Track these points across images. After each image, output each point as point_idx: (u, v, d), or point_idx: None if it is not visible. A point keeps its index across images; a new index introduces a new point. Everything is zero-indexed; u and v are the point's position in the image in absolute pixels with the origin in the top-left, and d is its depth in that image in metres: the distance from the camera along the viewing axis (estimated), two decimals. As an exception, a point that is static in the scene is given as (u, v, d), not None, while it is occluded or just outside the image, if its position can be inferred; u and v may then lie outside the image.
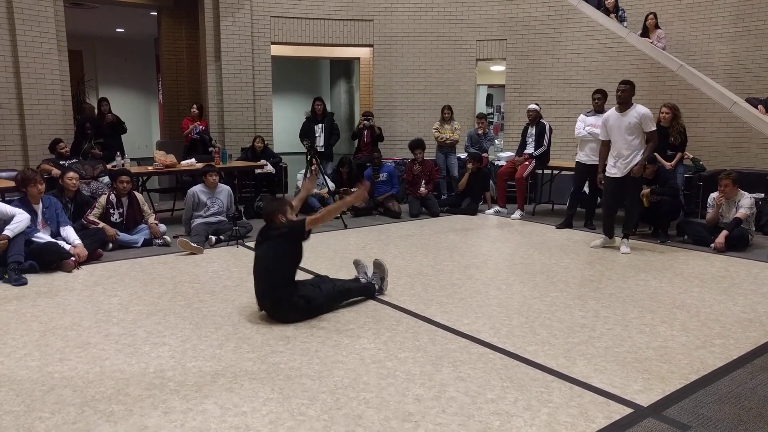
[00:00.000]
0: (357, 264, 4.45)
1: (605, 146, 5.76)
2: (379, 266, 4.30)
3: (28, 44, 7.48)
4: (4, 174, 6.66)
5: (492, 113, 13.36)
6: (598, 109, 6.65)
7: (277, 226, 3.77)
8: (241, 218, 6.63)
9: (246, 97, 9.25)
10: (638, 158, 5.51)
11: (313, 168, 7.56)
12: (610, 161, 5.68)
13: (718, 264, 5.23)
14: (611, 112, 5.69)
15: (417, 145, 7.96)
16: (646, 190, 6.15)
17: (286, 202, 3.94)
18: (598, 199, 6.17)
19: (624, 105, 5.52)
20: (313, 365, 3.05)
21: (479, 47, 9.72)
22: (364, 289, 4.19)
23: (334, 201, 7.51)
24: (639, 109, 5.48)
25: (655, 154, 6.41)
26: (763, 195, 6.63)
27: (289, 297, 3.68)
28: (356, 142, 9.21)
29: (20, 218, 4.77)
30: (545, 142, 7.43)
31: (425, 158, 8.07)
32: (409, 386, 2.82)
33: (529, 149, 7.55)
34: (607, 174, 5.73)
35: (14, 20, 7.36)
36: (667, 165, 6.52)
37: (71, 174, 5.72)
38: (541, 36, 9.39)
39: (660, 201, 6.13)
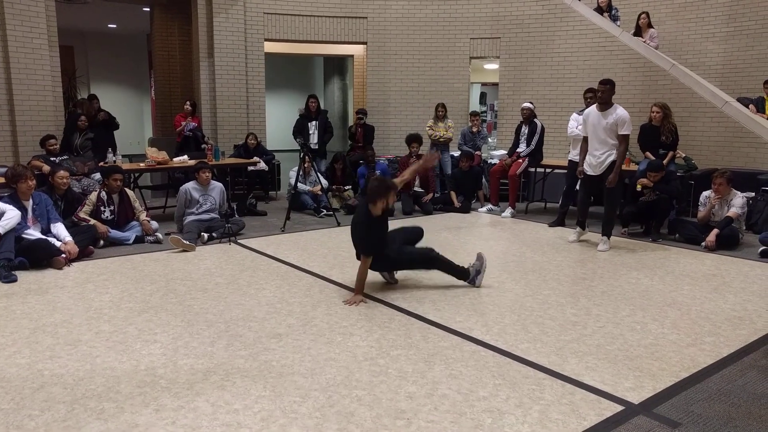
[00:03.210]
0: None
1: (585, 141, 5.85)
2: (480, 258, 4.47)
3: (19, 39, 7.41)
4: (-6, 170, 6.60)
5: (485, 111, 13.37)
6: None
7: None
8: (234, 215, 6.60)
9: (239, 93, 9.21)
10: (611, 158, 5.58)
11: (305, 165, 7.56)
12: (586, 158, 5.80)
13: (708, 262, 5.26)
14: (592, 109, 5.76)
15: (413, 139, 7.96)
16: (644, 180, 6.18)
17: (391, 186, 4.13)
18: (591, 198, 6.22)
19: (605, 105, 5.57)
20: (306, 363, 3.05)
21: (473, 45, 9.73)
22: (458, 269, 4.36)
23: (327, 199, 7.51)
24: (619, 112, 5.51)
25: (663, 162, 6.44)
26: (753, 194, 6.67)
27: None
28: (350, 139, 9.23)
29: (11, 215, 4.73)
30: (533, 143, 7.46)
31: (421, 153, 8.05)
32: (401, 384, 2.82)
33: (522, 148, 7.58)
34: (585, 170, 5.85)
35: (4, 15, 7.28)
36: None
37: (61, 173, 5.68)
38: (534, 34, 9.41)
39: (658, 198, 6.16)
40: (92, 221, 5.55)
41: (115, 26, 14.23)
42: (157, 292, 4.26)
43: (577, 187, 6.86)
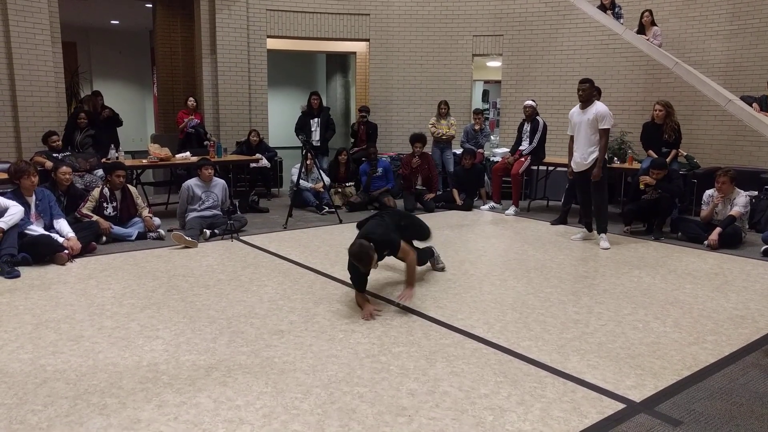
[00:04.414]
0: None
1: (572, 141, 5.94)
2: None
3: (22, 35, 7.41)
4: (-3, 166, 6.61)
5: (488, 109, 13.35)
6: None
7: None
8: (236, 212, 6.62)
9: (241, 90, 9.21)
10: (595, 154, 5.65)
11: (308, 162, 7.56)
12: (574, 156, 5.88)
13: (711, 261, 5.26)
14: (575, 108, 5.88)
15: (417, 138, 7.95)
16: (647, 178, 6.17)
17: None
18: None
19: (585, 102, 5.71)
20: (307, 359, 3.05)
21: (475, 43, 9.71)
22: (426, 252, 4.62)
23: (329, 195, 7.51)
24: (598, 107, 5.65)
25: (666, 160, 6.43)
26: (756, 193, 6.66)
27: None
28: (352, 137, 9.24)
29: (14, 210, 4.74)
30: (535, 140, 7.47)
31: (424, 152, 8.04)
32: (402, 381, 2.82)
33: (524, 145, 7.59)
34: (572, 168, 5.92)
35: (7, 11, 7.29)
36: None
37: (64, 168, 5.69)
38: (537, 32, 9.39)
39: (660, 197, 6.15)
40: (95, 217, 5.56)
41: (117, 23, 14.23)
42: (159, 288, 4.27)
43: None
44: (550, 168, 7.95)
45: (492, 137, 10.07)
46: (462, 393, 2.71)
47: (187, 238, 5.51)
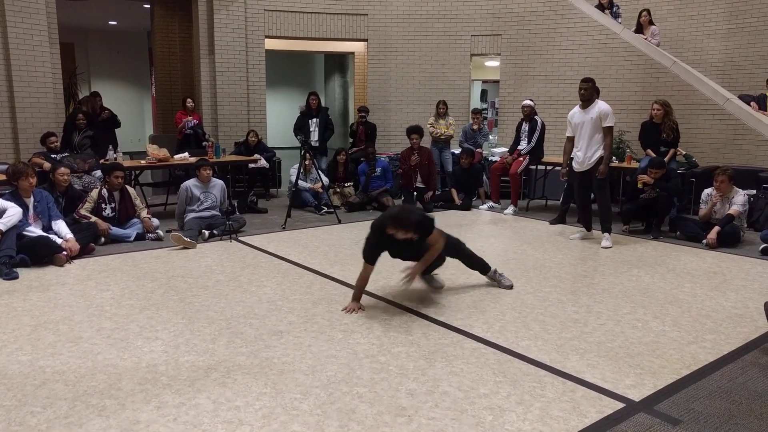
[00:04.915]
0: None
1: (569, 142, 5.92)
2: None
3: (19, 36, 7.40)
4: (-5, 167, 6.59)
5: (486, 109, 13.34)
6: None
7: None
8: (235, 213, 6.61)
9: (240, 91, 9.21)
10: (599, 153, 5.63)
11: (306, 163, 7.55)
12: (575, 156, 5.84)
13: (709, 260, 5.26)
14: (576, 108, 5.85)
15: (413, 130, 7.89)
16: (645, 177, 6.17)
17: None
18: (591, 195, 6.22)
19: (587, 102, 5.69)
20: (306, 360, 3.05)
21: (474, 42, 9.71)
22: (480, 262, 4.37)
23: (328, 196, 7.51)
24: (600, 105, 5.63)
25: (664, 159, 6.44)
26: (754, 191, 6.66)
27: None
28: (351, 137, 9.24)
29: (12, 212, 4.73)
30: (534, 140, 7.47)
31: (422, 146, 8.01)
32: (402, 381, 2.82)
33: (523, 145, 7.59)
34: (573, 168, 5.87)
35: (5, 11, 7.28)
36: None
37: (62, 170, 5.69)
38: (535, 31, 9.40)
39: (658, 196, 6.16)
40: (93, 218, 5.55)
41: (115, 23, 14.22)
42: (158, 289, 4.26)
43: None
44: (549, 167, 7.95)
45: (490, 137, 10.06)
46: (461, 393, 2.71)
47: (185, 238, 5.51)
